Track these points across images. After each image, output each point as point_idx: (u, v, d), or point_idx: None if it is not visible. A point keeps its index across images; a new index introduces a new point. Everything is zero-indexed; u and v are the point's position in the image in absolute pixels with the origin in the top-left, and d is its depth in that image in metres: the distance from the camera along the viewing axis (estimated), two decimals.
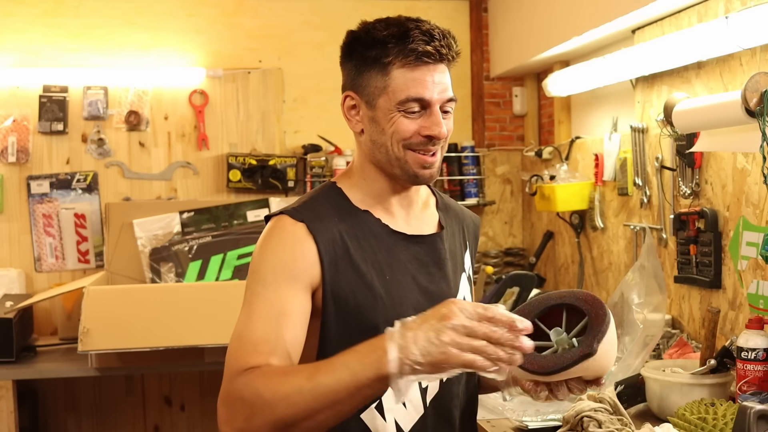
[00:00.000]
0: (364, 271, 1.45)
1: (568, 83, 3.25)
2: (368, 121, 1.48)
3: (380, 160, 1.49)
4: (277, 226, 1.44)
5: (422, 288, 1.51)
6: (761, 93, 1.90)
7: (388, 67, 1.43)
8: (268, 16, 3.80)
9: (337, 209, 1.49)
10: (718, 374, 2.00)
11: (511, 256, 3.96)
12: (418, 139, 1.45)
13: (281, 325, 1.35)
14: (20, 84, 3.58)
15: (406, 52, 1.42)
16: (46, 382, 3.54)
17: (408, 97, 1.43)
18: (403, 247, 1.51)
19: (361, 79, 1.47)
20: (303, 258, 1.41)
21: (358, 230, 1.48)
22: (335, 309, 1.42)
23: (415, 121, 1.44)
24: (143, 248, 3.42)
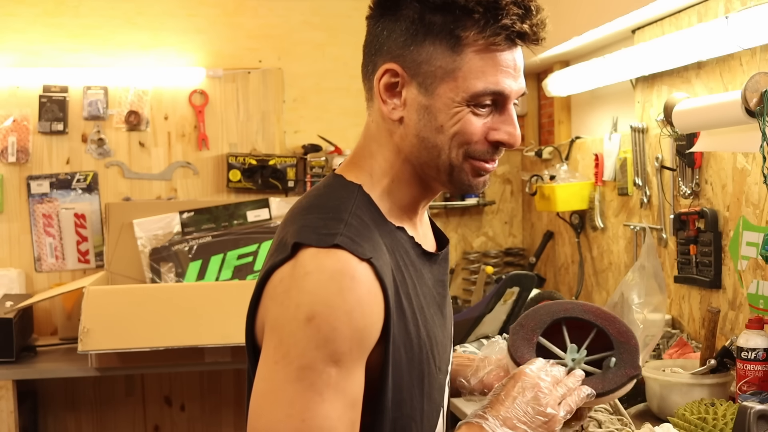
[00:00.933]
0: (409, 316, 1.12)
1: (568, 83, 3.25)
2: (417, 109, 1.11)
3: (423, 163, 1.14)
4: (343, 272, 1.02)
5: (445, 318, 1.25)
6: (761, 93, 1.90)
7: (462, 44, 1.07)
8: (268, 16, 3.80)
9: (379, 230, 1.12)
10: (718, 374, 2.00)
11: (511, 256, 3.96)
12: (484, 147, 1.12)
13: (354, 420, 1.04)
14: (20, 84, 3.57)
15: (495, 29, 1.07)
16: (46, 382, 3.54)
17: (486, 90, 1.09)
18: (426, 268, 1.21)
19: (417, 50, 1.09)
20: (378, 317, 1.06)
21: (399, 257, 1.13)
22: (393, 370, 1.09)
23: (483, 119, 1.11)
24: (143, 248, 3.42)
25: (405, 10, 1.10)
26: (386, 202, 1.16)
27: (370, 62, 1.15)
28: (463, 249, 3.98)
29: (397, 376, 1.09)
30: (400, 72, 1.11)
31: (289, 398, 1.00)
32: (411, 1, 1.09)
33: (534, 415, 1.11)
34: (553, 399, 1.14)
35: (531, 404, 1.12)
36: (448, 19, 1.07)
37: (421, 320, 1.14)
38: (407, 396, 1.11)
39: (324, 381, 1.00)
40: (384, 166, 1.16)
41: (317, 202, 1.14)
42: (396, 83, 1.12)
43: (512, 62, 1.12)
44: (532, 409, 1.11)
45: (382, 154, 1.16)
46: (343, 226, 1.06)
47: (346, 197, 1.13)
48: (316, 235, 1.05)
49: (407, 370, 1.11)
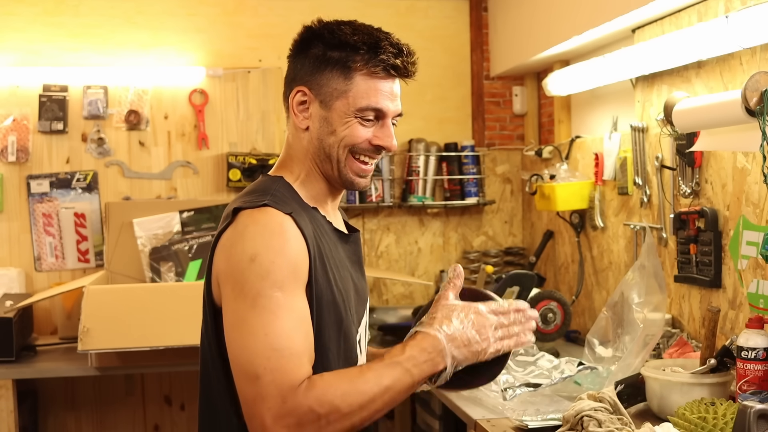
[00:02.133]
0: (328, 268, 1.44)
1: (568, 82, 3.25)
2: (319, 119, 1.48)
3: (322, 160, 1.50)
4: (271, 220, 1.37)
5: (355, 285, 1.56)
6: (761, 92, 1.90)
7: (352, 72, 1.45)
8: (268, 15, 3.80)
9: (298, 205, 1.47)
10: (718, 374, 2.00)
11: (511, 255, 3.96)
12: (366, 146, 1.48)
13: (306, 332, 1.35)
14: (20, 83, 3.57)
15: (375, 62, 1.44)
16: (46, 381, 3.54)
17: (368, 106, 1.46)
18: (341, 245, 1.54)
19: (319, 77, 1.47)
20: (302, 257, 1.38)
21: (316, 227, 1.47)
22: (316, 308, 1.40)
23: (368, 129, 1.47)
24: (143, 247, 3.42)
25: (313, 50, 1.49)
26: (302, 189, 1.51)
27: (288, 89, 1.53)
28: (463, 248, 3.98)
29: (318, 312, 1.41)
30: (307, 92, 1.49)
31: (251, 323, 1.31)
32: (317, 42, 1.49)
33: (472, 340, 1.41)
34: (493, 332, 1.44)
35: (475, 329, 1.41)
36: (343, 55, 1.46)
37: (337, 276, 1.47)
38: (325, 329, 1.42)
39: (274, 303, 1.32)
40: (299, 165, 1.52)
41: (249, 189, 1.51)
42: (305, 101, 1.49)
43: (389, 89, 1.48)
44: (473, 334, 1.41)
45: (297, 156, 1.52)
46: (269, 196, 1.42)
47: (271, 184, 1.49)
48: (250, 202, 1.41)
49: (326, 309, 1.43)
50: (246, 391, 1.30)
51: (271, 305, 1.31)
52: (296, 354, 1.30)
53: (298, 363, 1.30)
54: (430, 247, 3.96)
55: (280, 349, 1.29)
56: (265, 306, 1.31)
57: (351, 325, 1.50)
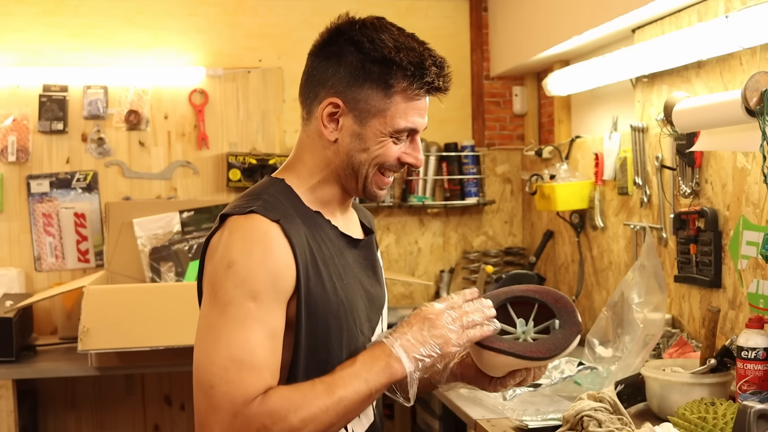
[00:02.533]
0: (326, 277, 1.39)
1: (568, 82, 3.25)
2: (351, 134, 1.42)
3: (347, 174, 1.45)
4: (255, 227, 1.33)
5: (366, 292, 1.50)
6: (761, 92, 1.90)
7: (392, 91, 1.39)
8: (268, 15, 3.80)
9: (297, 209, 1.41)
10: (718, 374, 2.00)
11: (511, 255, 3.96)
12: (394, 163, 1.45)
13: (274, 349, 1.30)
14: (20, 83, 3.57)
15: (420, 84, 1.39)
16: (46, 381, 3.54)
17: (407, 127, 1.41)
18: (348, 249, 1.48)
19: (357, 91, 1.40)
20: (287, 267, 1.33)
21: (315, 232, 1.41)
22: (306, 318, 1.35)
23: (399, 147, 1.44)
24: (143, 248, 3.42)
25: (348, 57, 1.40)
26: (308, 195, 1.45)
27: (311, 91, 1.45)
28: (463, 248, 3.98)
29: (311, 324, 1.36)
30: (341, 105, 1.41)
31: (218, 330, 1.28)
32: (353, 50, 1.40)
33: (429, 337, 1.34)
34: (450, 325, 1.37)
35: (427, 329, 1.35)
36: (384, 70, 1.38)
37: (339, 284, 1.41)
38: (322, 343, 1.38)
39: (244, 313, 1.28)
40: (313, 170, 1.46)
41: (245, 192, 1.45)
42: (335, 113, 1.42)
43: (425, 105, 1.44)
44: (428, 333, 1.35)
45: (314, 161, 1.46)
46: (260, 201, 1.37)
47: (268, 186, 1.44)
48: (239, 208, 1.36)
49: (323, 321, 1.37)
50: (199, 400, 1.27)
51: (241, 315, 1.27)
52: (256, 367, 1.26)
53: (257, 377, 1.26)
54: (430, 247, 3.96)
55: (239, 360, 1.25)
56: (234, 315, 1.27)
57: (357, 335, 1.44)
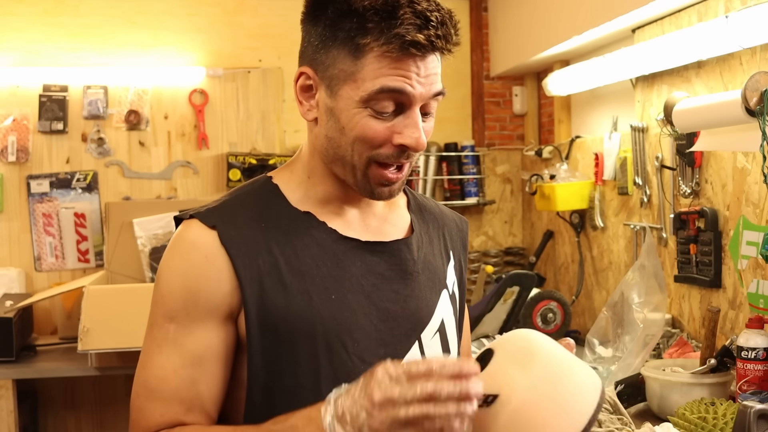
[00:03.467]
0: (298, 290, 1.15)
1: (568, 82, 3.25)
2: (325, 111, 1.15)
3: (330, 161, 1.18)
4: (184, 236, 1.16)
5: (382, 310, 1.20)
6: (761, 92, 1.90)
7: (362, 50, 1.09)
8: (268, 15, 3.80)
9: (266, 211, 1.19)
10: (718, 374, 2.00)
11: (511, 255, 3.96)
12: (389, 150, 1.13)
13: (195, 377, 1.13)
14: (20, 83, 3.57)
15: (389, 38, 1.08)
16: (46, 381, 3.54)
17: (382, 88, 1.09)
18: (356, 257, 1.20)
19: (326, 54, 1.13)
20: (216, 281, 1.13)
21: (294, 237, 1.17)
22: (261, 339, 1.13)
23: (385, 123, 1.12)
24: (143, 247, 3.42)
25: (321, 16, 1.13)
26: (297, 192, 1.22)
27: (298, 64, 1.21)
28: None
29: (271, 347, 1.14)
30: (311, 75, 1.16)
31: (143, 351, 1.16)
32: (326, 7, 1.12)
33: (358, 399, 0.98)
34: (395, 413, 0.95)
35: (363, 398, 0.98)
36: (352, 26, 1.10)
37: (319, 299, 1.15)
38: (287, 368, 1.14)
39: (162, 335, 1.14)
40: (304, 162, 1.23)
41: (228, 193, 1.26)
42: (311, 86, 1.16)
43: (415, 67, 1.11)
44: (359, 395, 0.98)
45: (304, 151, 1.24)
46: (213, 204, 1.20)
47: (246, 187, 1.24)
48: (190, 212, 1.19)
49: (287, 342, 1.14)
50: None
51: (159, 337, 1.14)
52: (162, 398, 1.12)
53: (162, 409, 1.12)
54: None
55: (149, 389, 1.14)
56: (154, 337, 1.15)
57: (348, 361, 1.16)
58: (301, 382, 1.15)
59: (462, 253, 1.37)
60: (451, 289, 1.31)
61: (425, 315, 1.24)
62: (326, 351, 1.15)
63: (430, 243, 1.31)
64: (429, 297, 1.26)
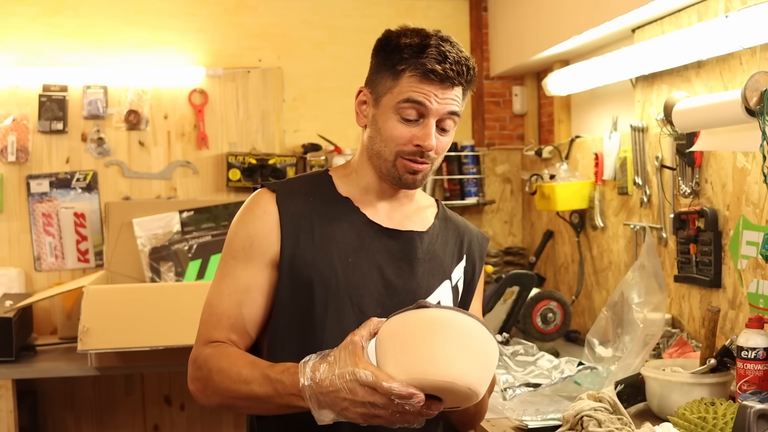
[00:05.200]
0: (324, 249, 1.51)
1: (568, 82, 3.25)
2: (371, 118, 1.55)
3: (373, 156, 1.56)
4: (254, 198, 1.56)
5: (387, 281, 1.55)
6: (761, 92, 1.90)
7: (399, 73, 1.50)
8: (267, 15, 3.80)
9: (316, 191, 1.58)
10: (718, 373, 2.00)
11: (511, 255, 3.96)
12: (410, 148, 1.51)
13: (243, 301, 1.50)
14: (20, 83, 3.57)
15: (416, 65, 1.48)
16: (46, 381, 3.54)
17: (408, 98, 1.48)
18: (375, 237, 1.56)
19: (377, 78, 1.54)
20: (268, 233, 1.51)
21: (332, 213, 1.55)
22: (290, 279, 1.50)
23: (409, 128, 1.50)
24: (143, 247, 3.42)
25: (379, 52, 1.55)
26: (345, 184, 1.60)
27: None
28: None
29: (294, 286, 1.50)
30: (366, 93, 1.57)
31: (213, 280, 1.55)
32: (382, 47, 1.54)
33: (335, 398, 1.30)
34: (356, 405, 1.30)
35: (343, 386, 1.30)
36: (395, 57, 1.51)
37: (338, 260, 1.51)
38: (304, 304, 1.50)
39: (225, 269, 1.53)
40: (354, 161, 1.62)
41: None
42: (365, 101, 1.57)
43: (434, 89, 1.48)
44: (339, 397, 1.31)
45: (357, 153, 1.62)
46: (283, 180, 1.63)
47: (310, 173, 1.68)
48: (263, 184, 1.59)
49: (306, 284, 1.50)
50: None
51: (223, 270, 1.52)
52: (217, 315, 1.50)
53: (215, 323, 1.49)
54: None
55: (211, 305, 1.51)
56: (221, 269, 1.53)
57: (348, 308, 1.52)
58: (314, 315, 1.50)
59: (478, 262, 1.69)
60: (454, 282, 1.63)
61: (423, 293, 1.57)
62: (335, 297, 1.51)
63: (444, 243, 1.64)
64: (429, 281, 1.60)
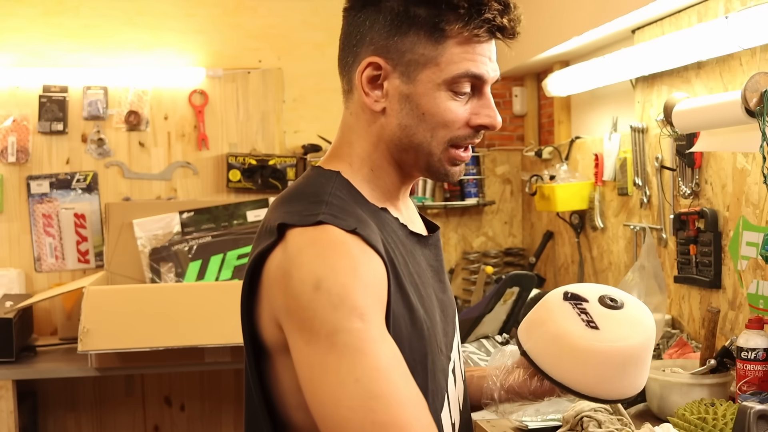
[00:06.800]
0: (408, 290, 1.11)
1: (568, 83, 3.25)
2: (399, 98, 1.14)
3: (403, 149, 1.16)
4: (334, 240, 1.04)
5: (440, 300, 1.23)
6: (761, 93, 1.90)
7: (445, 36, 1.11)
8: (267, 16, 3.80)
9: (361, 207, 1.14)
10: (718, 374, 2.00)
11: (511, 256, 3.96)
12: (466, 132, 1.16)
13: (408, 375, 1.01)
14: (20, 84, 3.57)
15: (478, 23, 1.11)
16: (46, 382, 3.54)
17: (467, 72, 1.13)
18: (417, 250, 1.21)
19: (402, 41, 1.12)
20: (382, 278, 1.06)
21: (387, 235, 1.12)
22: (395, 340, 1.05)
23: (463, 106, 1.16)
24: (143, 248, 3.42)
25: (388, 2, 1.12)
26: (366, 187, 1.18)
27: (350, 54, 1.17)
28: (463, 249, 3.97)
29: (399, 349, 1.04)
30: (382, 65, 1.14)
31: (334, 369, 0.96)
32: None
33: None
34: None
35: None
36: (433, 12, 1.11)
37: (417, 297, 1.13)
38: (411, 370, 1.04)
39: (356, 336, 0.97)
40: (362, 156, 1.19)
41: (297, 190, 1.16)
42: (378, 76, 1.14)
43: (489, 52, 1.16)
44: None
45: (360, 144, 1.18)
46: (324, 206, 1.08)
47: (325, 182, 1.15)
48: (300, 216, 1.06)
49: (408, 345, 1.08)
50: None
51: (354, 340, 0.97)
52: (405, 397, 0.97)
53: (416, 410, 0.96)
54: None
55: (381, 396, 0.95)
56: (347, 343, 0.96)
57: (438, 356, 1.16)
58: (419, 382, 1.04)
59: None
60: None
61: (453, 303, 1.30)
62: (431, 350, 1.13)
63: None
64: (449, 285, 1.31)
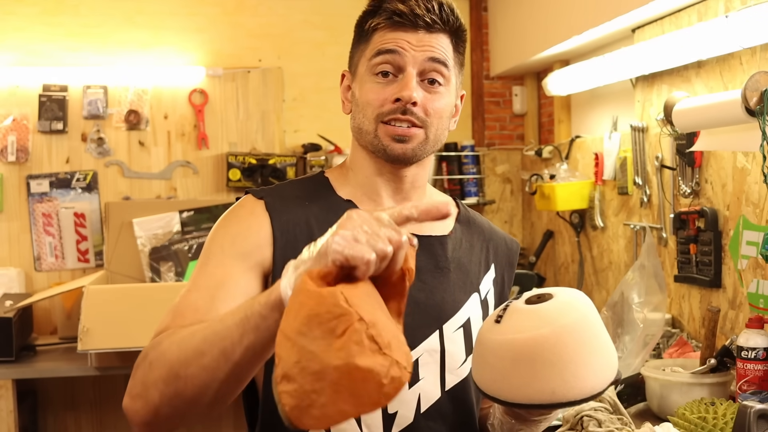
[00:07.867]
0: None
1: (568, 82, 3.25)
2: (353, 97, 1.33)
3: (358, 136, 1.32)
4: (238, 204, 1.31)
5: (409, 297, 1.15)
6: (761, 92, 1.90)
7: (370, 34, 1.29)
8: (268, 15, 3.80)
9: (313, 195, 1.32)
10: (718, 373, 2.00)
11: None
12: (389, 107, 1.26)
13: (215, 296, 1.18)
14: (20, 83, 3.57)
15: (380, 12, 1.27)
16: (46, 381, 3.54)
17: (378, 50, 1.26)
18: None
19: (353, 51, 1.34)
20: (254, 234, 1.25)
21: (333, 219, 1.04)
22: None
23: (386, 87, 1.26)
24: (143, 247, 3.42)
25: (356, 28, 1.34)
26: (345, 186, 1.35)
27: None
28: None
29: None
30: (347, 74, 1.36)
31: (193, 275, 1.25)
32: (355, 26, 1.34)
33: None
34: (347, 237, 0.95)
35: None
36: (362, 19, 1.32)
37: None
38: None
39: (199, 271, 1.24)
40: (349, 157, 1.38)
41: None
42: (349, 85, 1.35)
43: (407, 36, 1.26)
44: None
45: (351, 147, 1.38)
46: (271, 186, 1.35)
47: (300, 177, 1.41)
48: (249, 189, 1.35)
49: None
50: None
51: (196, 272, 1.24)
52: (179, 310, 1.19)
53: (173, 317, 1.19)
54: None
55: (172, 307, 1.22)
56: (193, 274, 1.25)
57: None
58: None
59: (507, 270, 1.45)
60: (483, 295, 1.37)
61: (450, 309, 1.31)
62: None
63: (469, 249, 1.39)
64: (457, 294, 1.33)
